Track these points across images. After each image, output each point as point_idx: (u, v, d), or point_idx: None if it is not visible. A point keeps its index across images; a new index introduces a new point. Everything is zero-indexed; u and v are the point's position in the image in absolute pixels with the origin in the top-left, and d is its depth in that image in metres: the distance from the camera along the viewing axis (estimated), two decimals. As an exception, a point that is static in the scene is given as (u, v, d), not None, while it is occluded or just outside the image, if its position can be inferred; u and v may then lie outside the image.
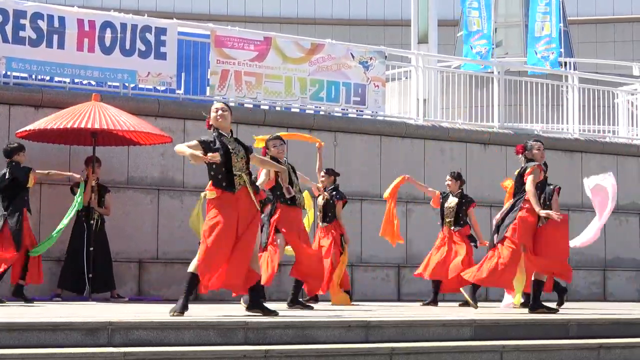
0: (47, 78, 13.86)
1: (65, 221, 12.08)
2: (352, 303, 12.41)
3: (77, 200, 12.20)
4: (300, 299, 11.38)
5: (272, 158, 10.51)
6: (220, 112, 8.86)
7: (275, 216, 10.74)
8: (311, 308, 10.85)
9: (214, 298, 13.61)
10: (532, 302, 10.70)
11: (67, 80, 13.89)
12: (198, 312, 9.13)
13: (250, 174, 8.90)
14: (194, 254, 8.80)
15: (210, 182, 8.78)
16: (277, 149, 10.67)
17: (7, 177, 11.87)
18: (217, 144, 8.71)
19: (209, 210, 8.77)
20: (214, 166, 8.71)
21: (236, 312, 9.54)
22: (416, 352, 8.12)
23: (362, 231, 15.38)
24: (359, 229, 15.30)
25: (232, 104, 15.15)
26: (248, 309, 9.03)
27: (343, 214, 12.75)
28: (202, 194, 8.92)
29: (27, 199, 11.96)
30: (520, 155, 10.90)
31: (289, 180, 10.67)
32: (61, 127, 12.44)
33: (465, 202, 13.36)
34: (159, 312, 9.00)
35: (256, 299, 9.01)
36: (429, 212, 15.96)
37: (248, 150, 8.96)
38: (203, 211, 9.35)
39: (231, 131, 8.93)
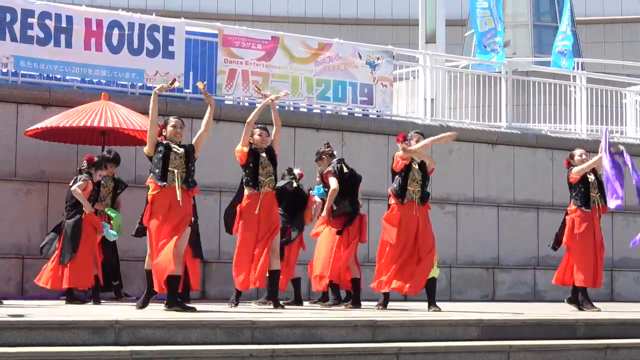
0: (57, 77, 13.88)
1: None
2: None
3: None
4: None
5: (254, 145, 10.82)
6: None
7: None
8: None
9: (221, 297, 13.62)
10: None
11: (78, 79, 13.92)
12: (205, 311, 9.13)
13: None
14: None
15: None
16: (262, 138, 10.93)
17: None
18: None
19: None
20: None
21: (243, 311, 9.55)
22: (423, 352, 8.12)
23: (370, 231, 15.35)
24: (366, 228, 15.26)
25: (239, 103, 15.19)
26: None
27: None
28: None
29: None
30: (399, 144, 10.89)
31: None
32: (73, 125, 12.46)
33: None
34: (166, 311, 9.01)
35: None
36: (436, 211, 15.96)
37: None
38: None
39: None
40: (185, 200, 9.31)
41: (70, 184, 11.81)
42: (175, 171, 9.30)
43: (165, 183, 9.27)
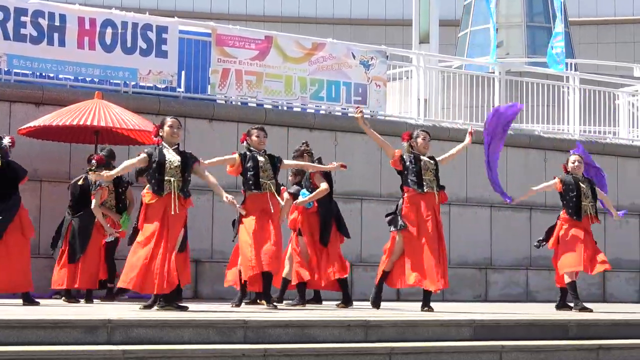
0: (50, 75, 13.85)
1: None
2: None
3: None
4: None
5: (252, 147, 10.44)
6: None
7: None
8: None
9: (214, 297, 13.62)
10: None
11: (71, 77, 13.90)
12: (198, 311, 9.12)
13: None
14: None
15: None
16: (259, 139, 10.45)
17: None
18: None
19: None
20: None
21: (236, 310, 9.54)
22: (415, 352, 8.11)
23: (362, 230, 15.38)
24: (359, 228, 15.29)
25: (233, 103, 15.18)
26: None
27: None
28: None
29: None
30: (405, 143, 10.89)
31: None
32: (66, 124, 12.44)
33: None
34: (159, 310, 9.00)
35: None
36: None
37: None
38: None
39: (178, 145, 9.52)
40: (180, 208, 9.26)
41: (79, 182, 11.81)
42: (172, 179, 9.24)
43: (162, 192, 9.21)
